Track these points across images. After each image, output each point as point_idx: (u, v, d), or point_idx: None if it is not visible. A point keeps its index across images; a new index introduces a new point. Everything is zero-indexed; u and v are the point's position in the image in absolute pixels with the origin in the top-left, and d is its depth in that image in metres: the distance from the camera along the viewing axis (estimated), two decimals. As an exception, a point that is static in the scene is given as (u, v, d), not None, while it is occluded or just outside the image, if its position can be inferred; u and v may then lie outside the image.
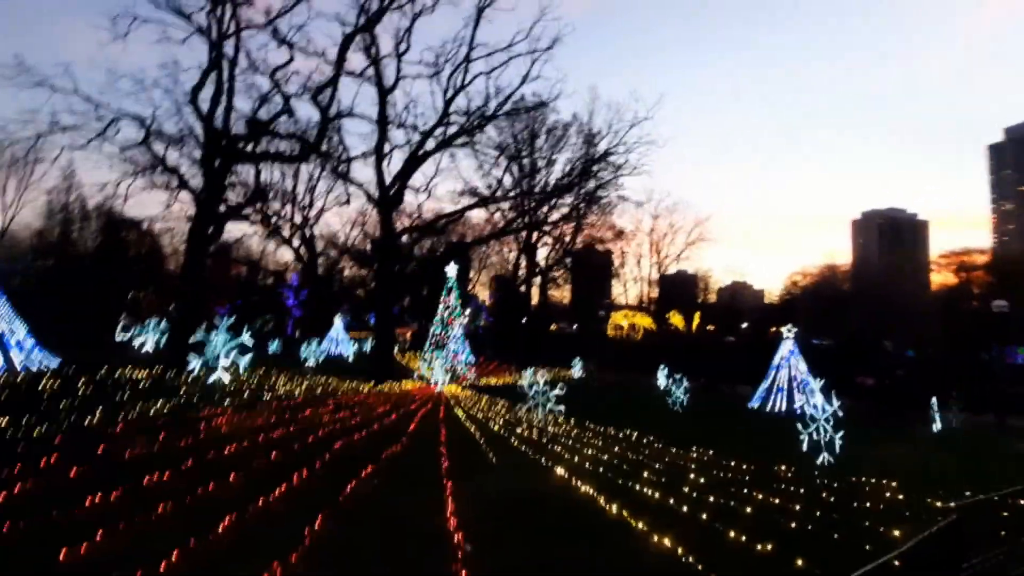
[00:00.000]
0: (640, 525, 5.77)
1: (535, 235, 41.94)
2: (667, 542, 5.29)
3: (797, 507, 7.01)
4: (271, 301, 52.65)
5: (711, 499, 7.17)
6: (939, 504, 7.28)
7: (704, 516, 6.38)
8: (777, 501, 7.32)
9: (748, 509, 6.81)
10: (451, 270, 29.37)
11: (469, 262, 59.02)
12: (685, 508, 6.66)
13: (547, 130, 36.09)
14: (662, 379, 26.47)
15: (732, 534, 5.69)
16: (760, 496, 7.49)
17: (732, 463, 9.84)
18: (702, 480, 8.37)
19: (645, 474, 8.44)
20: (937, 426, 17.34)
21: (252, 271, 55.27)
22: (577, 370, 31.99)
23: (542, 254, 46.98)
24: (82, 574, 4.03)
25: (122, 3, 34.04)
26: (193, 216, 22.65)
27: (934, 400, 17.79)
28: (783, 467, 9.71)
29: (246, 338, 14.38)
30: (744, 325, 62.73)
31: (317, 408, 13.01)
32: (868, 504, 7.48)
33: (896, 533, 5.97)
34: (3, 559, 4.21)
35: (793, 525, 6.25)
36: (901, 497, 7.92)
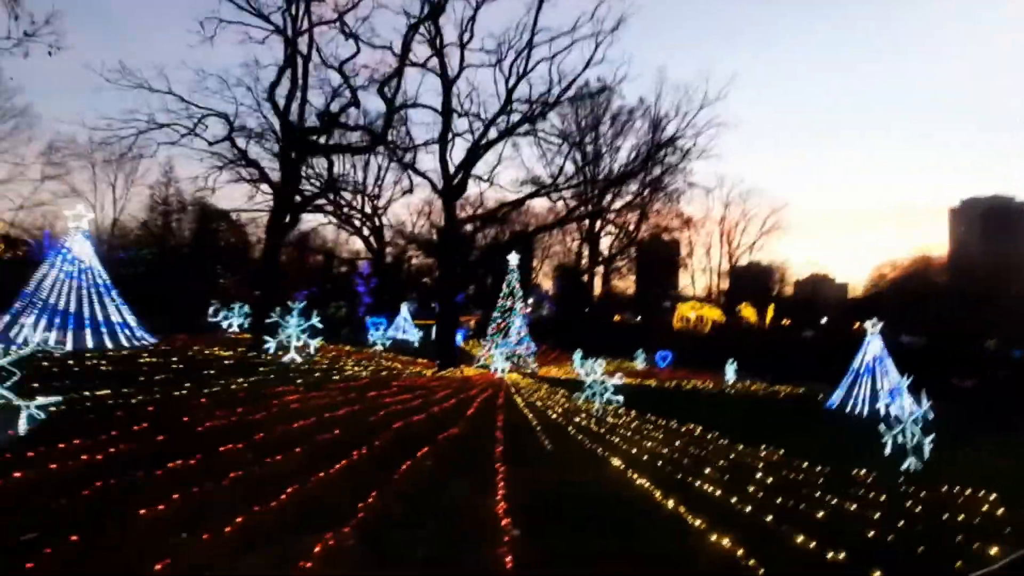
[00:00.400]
0: (697, 523, 5.52)
1: (598, 224, 41.24)
2: (726, 543, 5.02)
3: (876, 515, 6.46)
4: (344, 288, 55.17)
5: (778, 501, 6.75)
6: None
7: (769, 518, 6.01)
8: (853, 507, 6.78)
9: (820, 514, 6.35)
10: (513, 259, 29.44)
11: (532, 251, 59.01)
12: (748, 508, 6.30)
13: (612, 116, 35.29)
14: (730, 374, 25.39)
15: (800, 539, 5.31)
16: (834, 501, 6.97)
17: (804, 464, 9.24)
18: (769, 480, 7.90)
19: (707, 470, 8.08)
20: (1048, 435, 15.53)
21: (327, 260, 58.02)
22: (640, 362, 31.29)
23: (605, 243, 46.20)
24: (157, 530, 4.34)
25: (209, 8, 36.25)
26: (271, 207, 24.03)
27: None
28: (862, 472, 9.00)
29: (316, 321, 15.11)
30: (824, 320, 58.93)
31: (381, 390, 13.48)
32: (960, 517, 6.77)
33: (993, 551, 5.36)
34: (94, 511, 4.62)
35: (871, 534, 5.76)
36: (1000, 512, 7.12)
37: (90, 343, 16.20)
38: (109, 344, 16.61)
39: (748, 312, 57.60)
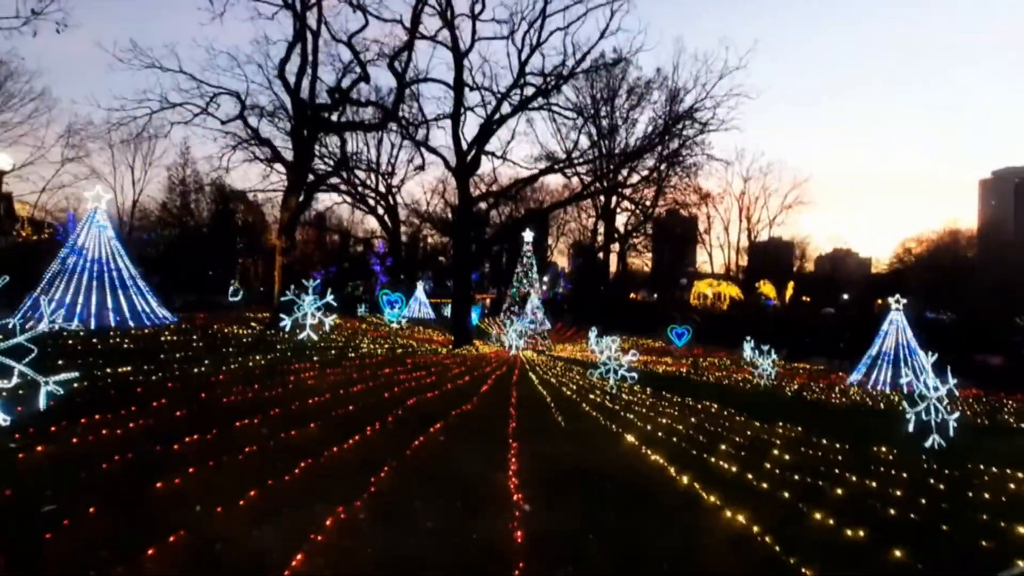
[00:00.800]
0: (712, 499, 5.43)
1: (614, 200, 40.64)
2: (741, 518, 4.93)
3: (898, 493, 6.32)
4: (361, 267, 55.59)
5: (796, 477, 6.64)
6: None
7: (786, 495, 5.90)
8: (874, 485, 6.63)
9: (839, 491, 6.22)
10: (527, 236, 29.23)
11: (547, 229, 58.63)
12: (765, 485, 6.20)
13: (628, 88, 34.39)
14: (747, 351, 25.09)
15: (818, 516, 5.20)
16: (854, 478, 6.83)
17: (823, 441, 9.09)
18: (787, 457, 7.78)
19: (722, 447, 7.98)
20: (1079, 413, 15.10)
21: (344, 239, 58.36)
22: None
23: (622, 220, 45.63)
24: (172, 503, 4.39)
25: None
26: (285, 186, 24.05)
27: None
28: (883, 448, 8.82)
29: (330, 299, 15.19)
30: (845, 296, 57.89)
31: (396, 367, 13.55)
32: (986, 495, 6.59)
33: (1021, 530, 5.20)
34: (111, 484, 4.69)
35: (892, 512, 5.62)
36: (1029, 490, 6.92)
37: (112, 322, 16.51)
38: (130, 323, 16.92)
39: (767, 289, 56.79)
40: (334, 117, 23.97)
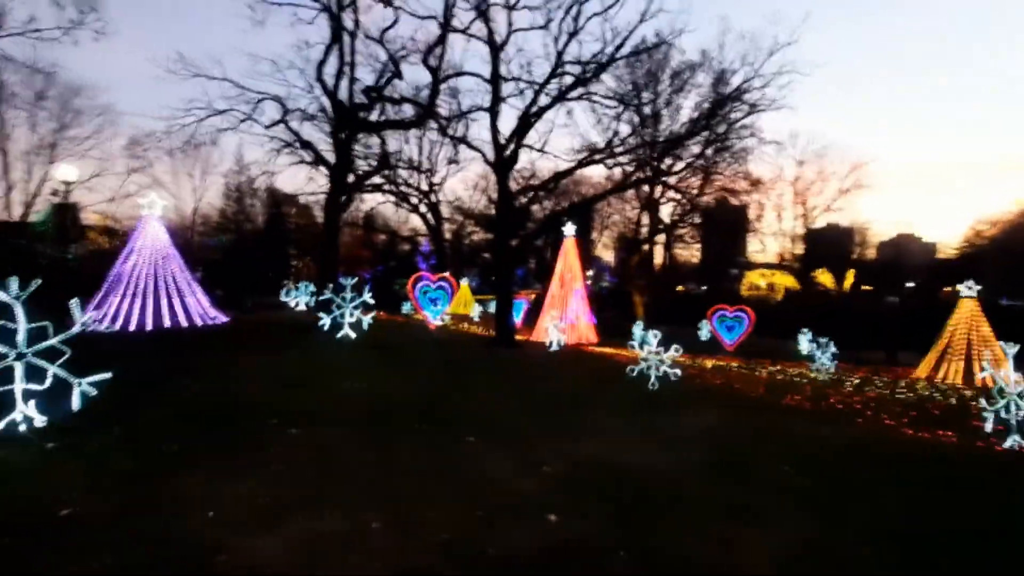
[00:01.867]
0: (757, 511, 4.95)
1: (658, 190, 39.41)
2: (789, 532, 4.44)
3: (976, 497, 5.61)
4: (407, 266, 56.48)
5: (855, 481, 6.02)
6: None
7: (845, 504, 5.33)
8: (947, 497, 5.93)
9: (905, 495, 5.58)
10: (568, 229, 28.67)
11: (590, 222, 57.67)
12: (824, 495, 5.63)
13: (671, 73, 33.13)
14: (804, 343, 23.76)
15: (882, 522, 4.64)
16: (924, 482, 6.14)
17: (887, 438, 8.31)
18: (846, 461, 7.11)
19: (771, 449, 7.38)
20: None
21: (391, 238, 59.47)
22: (704, 332, 29.96)
23: (667, 211, 44.23)
24: (183, 506, 4.32)
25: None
26: (328, 188, 24.52)
27: None
28: (955, 449, 7.97)
29: (368, 297, 15.28)
30: (910, 284, 54.26)
31: (431, 364, 13.45)
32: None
33: None
34: (128, 484, 4.68)
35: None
36: None
37: (168, 323, 17.25)
38: (183, 323, 17.63)
39: (825, 278, 53.90)
40: (372, 117, 24.24)
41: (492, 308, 40.56)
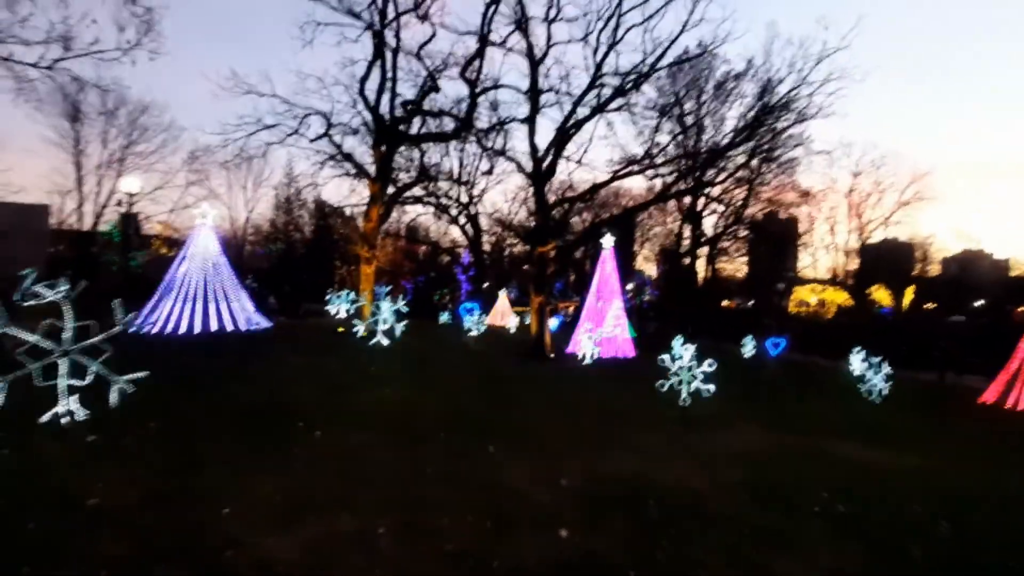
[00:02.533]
0: (792, 537, 4.64)
1: (701, 202, 38.53)
2: (827, 559, 4.13)
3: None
4: (447, 277, 57.20)
5: (907, 516, 5.57)
6: None
7: (886, 532, 4.93)
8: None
9: (965, 539, 5.11)
10: (607, 240, 28.32)
11: (632, 235, 56.91)
12: (862, 523, 5.24)
13: (715, 84, 32.48)
14: (856, 363, 22.46)
15: (934, 564, 4.26)
16: (993, 527, 5.62)
17: (940, 470, 7.69)
18: (894, 490, 6.61)
19: (811, 472, 6.95)
20: None
21: (433, 250, 60.48)
22: (749, 348, 28.84)
23: (710, 223, 43.19)
24: (201, 504, 4.40)
25: (308, 13, 38.60)
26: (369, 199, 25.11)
27: None
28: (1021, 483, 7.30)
29: (401, 305, 15.48)
30: (979, 303, 50.82)
31: (453, 377, 13.45)
32: None
33: None
34: (155, 480, 4.82)
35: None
36: None
37: (213, 326, 17.99)
38: (229, 327, 18.34)
39: (882, 295, 51.19)
40: (412, 130, 24.73)
41: (529, 320, 40.48)
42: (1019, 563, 4.63)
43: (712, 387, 10.63)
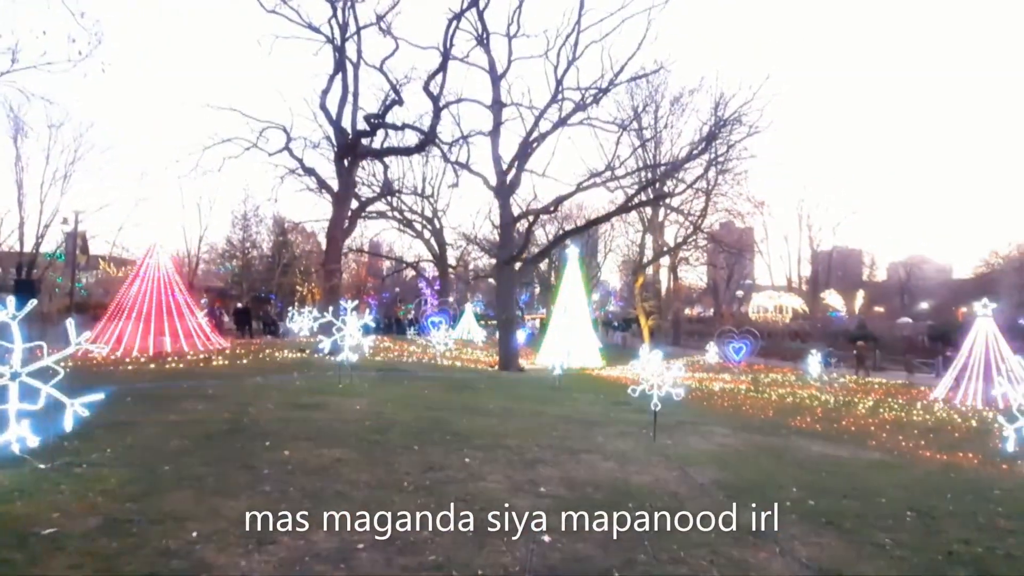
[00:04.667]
0: (771, 533, 4.73)
1: (661, 213, 39.54)
2: (807, 553, 4.22)
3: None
4: (412, 291, 56.56)
5: (877, 508, 5.78)
6: None
7: (860, 525, 5.10)
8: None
9: (927, 522, 5.34)
10: (571, 252, 28.71)
11: (595, 247, 57.76)
12: (847, 522, 5.40)
13: (672, 98, 33.61)
14: (814, 366, 23.37)
15: (903, 554, 4.42)
16: (950, 508, 5.89)
17: (906, 461, 8.04)
18: (868, 484, 6.86)
19: (785, 470, 7.15)
20: None
21: (397, 265, 59.81)
22: (711, 355, 29.59)
23: (671, 233, 44.32)
24: (166, 529, 4.18)
25: (268, 27, 38.10)
26: (331, 214, 24.73)
27: None
28: (978, 471, 7.69)
29: (368, 320, 15.22)
30: (924, 305, 53.66)
31: (430, 389, 13.29)
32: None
33: None
34: (109, 506, 4.55)
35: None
36: None
37: (167, 347, 17.26)
38: (185, 348, 17.63)
39: (833, 300, 53.46)
40: (376, 144, 24.55)
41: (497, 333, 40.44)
42: (979, 542, 4.86)
43: (682, 391, 10.82)
